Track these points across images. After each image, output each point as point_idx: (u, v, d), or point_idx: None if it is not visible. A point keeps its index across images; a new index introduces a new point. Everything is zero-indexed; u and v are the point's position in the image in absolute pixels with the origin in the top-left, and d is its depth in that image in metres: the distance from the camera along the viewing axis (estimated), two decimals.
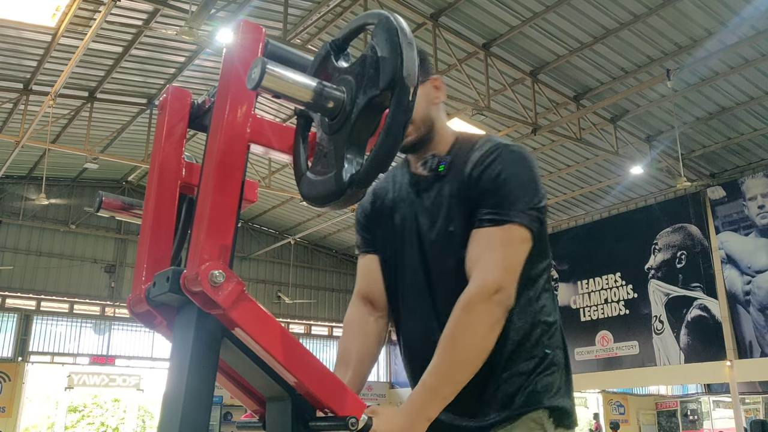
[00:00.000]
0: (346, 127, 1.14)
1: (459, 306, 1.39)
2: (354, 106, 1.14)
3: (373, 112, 1.13)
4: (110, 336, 17.43)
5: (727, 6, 9.04)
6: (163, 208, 1.42)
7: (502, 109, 11.58)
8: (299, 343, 1.23)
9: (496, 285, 1.39)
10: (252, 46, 1.28)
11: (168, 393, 1.20)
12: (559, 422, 1.49)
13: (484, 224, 1.46)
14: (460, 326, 1.38)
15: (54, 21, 9.44)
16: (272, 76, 1.08)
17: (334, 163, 1.15)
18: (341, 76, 1.20)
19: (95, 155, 13.01)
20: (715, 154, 12.99)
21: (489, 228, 1.45)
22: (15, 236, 16.61)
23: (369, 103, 1.12)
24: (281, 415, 1.30)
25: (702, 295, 13.35)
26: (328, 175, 1.15)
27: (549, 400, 1.49)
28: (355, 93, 1.14)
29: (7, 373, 15.55)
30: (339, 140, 1.16)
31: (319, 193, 1.18)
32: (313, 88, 1.13)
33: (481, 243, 1.45)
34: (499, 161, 1.50)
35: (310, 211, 17.49)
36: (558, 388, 1.51)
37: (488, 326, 1.38)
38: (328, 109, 1.15)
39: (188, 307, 1.21)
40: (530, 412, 1.47)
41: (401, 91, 1.07)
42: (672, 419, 20.45)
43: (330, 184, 1.14)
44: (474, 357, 1.38)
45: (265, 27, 1.68)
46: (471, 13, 10.00)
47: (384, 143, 1.08)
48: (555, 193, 14.98)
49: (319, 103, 1.14)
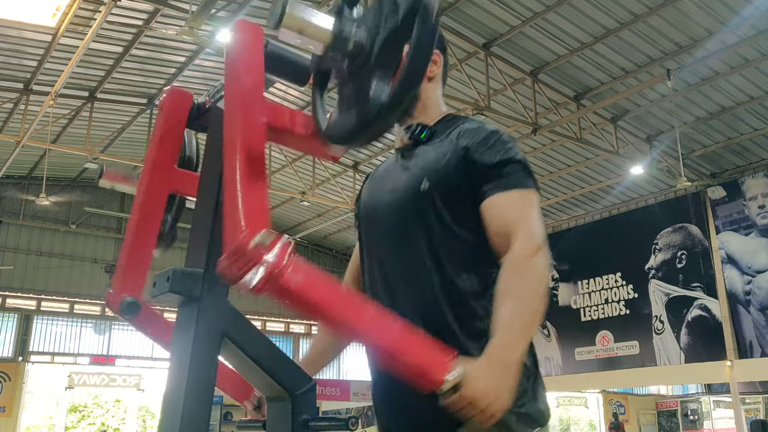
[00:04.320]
0: (368, 65, 1.11)
1: (517, 261, 1.38)
2: (374, 43, 1.11)
3: (394, 44, 1.10)
4: (110, 336, 17.44)
5: (727, 6, 9.03)
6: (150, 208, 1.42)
7: (503, 108, 11.58)
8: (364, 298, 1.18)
9: (540, 242, 1.40)
10: (251, 46, 1.28)
11: (168, 393, 1.20)
12: (529, 426, 1.43)
13: (503, 189, 1.46)
14: (530, 276, 1.36)
15: (54, 21, 9.44)
16: (293, 15, 1.07)
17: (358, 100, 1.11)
18: (359, 19, 1.17)
19: (95, 155, 13.01)
20: (715, 154, 12.99)
21: (513, 191, 1.46)
22: (15, 236, 16.62)
23: (390, 34, 1.09)
24: (281, 415, 1.30)
25: (702, 295, 13.35)
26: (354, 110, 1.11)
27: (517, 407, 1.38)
28: (375, 30, 1.12)
29: (7, 373, 15.54)
30: (361, 79, 1.12)
31: (347, 128, 1.13)
32: (333, 28, 1.11)
33: (510, 206, 1.45)
34: (497, 133, 1.53)
35: (310, 211, 17.50)
36: (524, 391, 1.42)
37: (547, 279, 1.40)
38: (349, 50, 1.12)
39: (189, 306, 1.21)
40: None
41: (425, 11, 1.05)
42: (672, 419, 20.45)
43: (357, 116, 1.09)
44: (544, 306, 1.36)
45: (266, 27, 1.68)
46: (471, 12, 10.00)
47: (413, 59, 1.04)
48: (555, 193, 14.98)
49: (339, 43, 1.12)
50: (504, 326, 1.31)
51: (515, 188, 1.46)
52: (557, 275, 15.74)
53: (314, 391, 1.29)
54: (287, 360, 1.30)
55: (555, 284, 15.77)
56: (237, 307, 1.28)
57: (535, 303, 1.35)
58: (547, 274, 1.40)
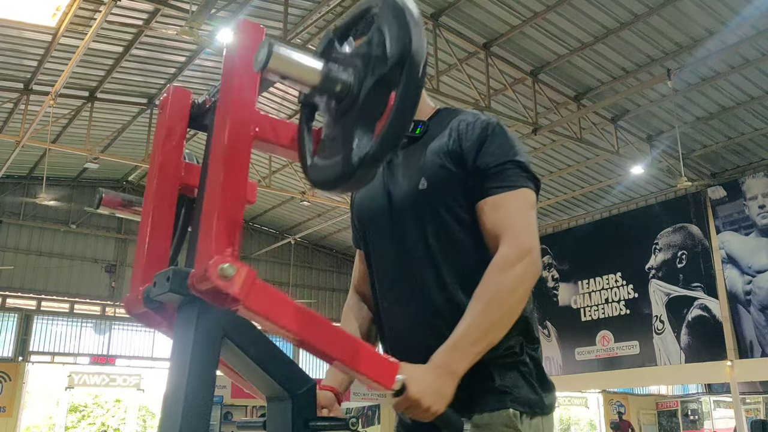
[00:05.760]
0: (354, 108, 1.12)
1: (496, 267, 1.38)
2: (362, 88, 1.11)
3: (381, 91, 1.10)
4: (110, 336, 17.44)
5: (727, 6, 9.04)
6: (162, 209, 1.42)
7: (503, 108, 11.58)
8: (320, 316, 1.23)
9: (529, 246, 1.40)
10: (253, 46, 1.27)
11: (168, 393, 1.19)
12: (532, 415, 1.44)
13: (498, 191, 1.45)
14: (501, 286, 1.36)
15: (54, 21, 9.45)
16: (279, 58, 1.07)
17: (342, 146, 1.12)
18: (346, 60, 1.17)
19: (96, 155, 13.03)
20: (715, 154, 12.99)
21: (507, 192, 1.45)
22: (15, 236, 16.62)
23: (377, 82, 1.09)
24: (281, 415, 1.30)
25: (702, 295, 13.35)
26: (337, 157, 1.13)
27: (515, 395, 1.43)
28: (362, 74, 1.12)
29: (7, 373, 15.55)
30: (346, 123, 1.13)
31: (328, 176, 1.14)
32: (320, 70, 1.11)
33: (503, 207, 1.44)
34: (493, 128, 1.51)
35: (310, 211, 17.50)
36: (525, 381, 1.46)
37: (528, 286, 1.39)
38: (336, 92, 1.13)
39: (189, 306, 1.21)
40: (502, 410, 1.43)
41: (411, 65, 1.05)
42: (672, 419, 20.46)
43: (339, 165, 1.11)
44: (513, 316, 1.37)
45: (265, 27, 1.68)
46: (471, 12, 10.00)
47: (396, 117, 1.05)
48: (555, 193, 14.98)
49: (327, 86, 1.12)
50: (459, 333, 1.34)
51: (511, 189, 1.45)
52: (557, 275, 15.74)
53: (314, 391, 1.29)
54: (287, 360, 1.30)
55: (555, 284, 15.78)
56: None
57: (502, 312, 1.36)
58: (529, 280, 1.39)
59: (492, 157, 1.47)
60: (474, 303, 1.37)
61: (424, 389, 1.27)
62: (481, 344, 1.34)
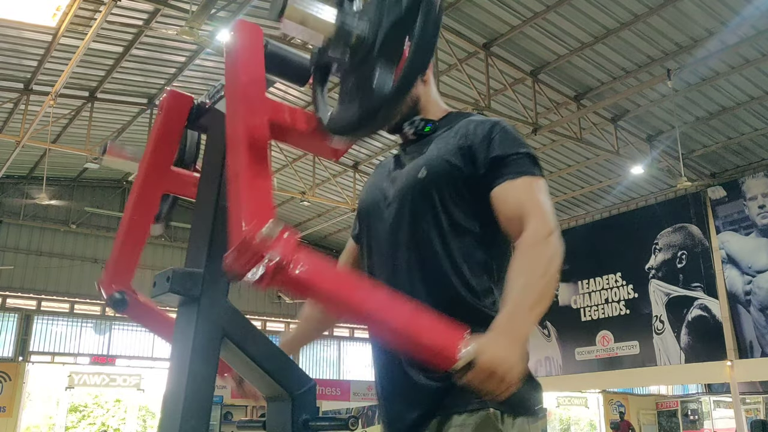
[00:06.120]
0: (371, 56, 1.11)
1: (530, 241, 1.40)
2: (377, 35, 1.10)
3: (397, 36, 1.09)
4: (111, 336, 17.43)
5: (727, 6, 9.03)
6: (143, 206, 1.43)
7: (503, 108, 11.58)
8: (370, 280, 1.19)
9: (550, 228, 1.42)
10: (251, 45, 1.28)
11: (168, 393, 1.20)
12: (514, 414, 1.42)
13: (518, 175, 1.49)
14: (540, 256, 1.37)
15: (54, 21, 9.44)
16: (295, 7, 1.07)
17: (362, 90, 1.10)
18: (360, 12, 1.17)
19: (95, 155, 13.01)
20: (715, 154, 12.99)
21: (527, 177, 1.49)
22: (15, 236, 16.62)
23: (393, 26, 1.09)
24: (281, 415, 1.30)
25: (702, 295, 13.35)
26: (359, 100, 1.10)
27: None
28: (377, 22, 1.11)
29: (7, 373, 15.55)
30: (364, 70, 1.11)
31: (352, 119, 1.12)
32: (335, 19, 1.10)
33: (525, 190, 1.48)
34: (503, 126, 1.56)
35: (310, 211, 17.50)
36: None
37: (559, 262, 1.39)
38: (352, 43, 1.12)
39: (189, 306, 1.21)
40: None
41: (428, 2, 1.05)
42: (672, 419, 20.44)
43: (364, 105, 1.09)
44: (554, 286, 1.38)
45: (265, 27, 1.68)
46: (471, 12, 10.00)
47: (417, 52, 1.04)
48: (555, 193, 14.97)
49: (342, 36, 1.11)
50: (513, 300, 1.33)
51: (524, 175, 1.49)
52: None
53: (314, 391, 1.29)
54: (287, 360, 1.30)
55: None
56: (237, 307, 1.28)
57: (546, 280, 1.36)
58: (560, 254, 1.40)
59: (508, 148, 1.52)
60: (516, 276, 1.36)
61: (498, 356, 1.18)
62: (537, 310, 1.33)
